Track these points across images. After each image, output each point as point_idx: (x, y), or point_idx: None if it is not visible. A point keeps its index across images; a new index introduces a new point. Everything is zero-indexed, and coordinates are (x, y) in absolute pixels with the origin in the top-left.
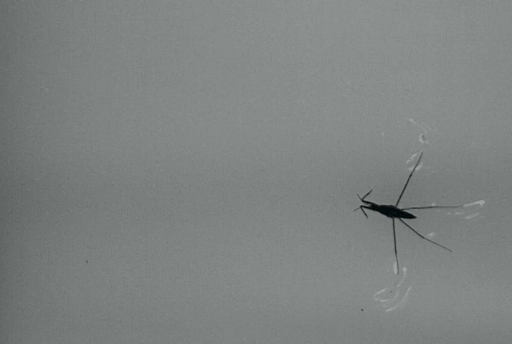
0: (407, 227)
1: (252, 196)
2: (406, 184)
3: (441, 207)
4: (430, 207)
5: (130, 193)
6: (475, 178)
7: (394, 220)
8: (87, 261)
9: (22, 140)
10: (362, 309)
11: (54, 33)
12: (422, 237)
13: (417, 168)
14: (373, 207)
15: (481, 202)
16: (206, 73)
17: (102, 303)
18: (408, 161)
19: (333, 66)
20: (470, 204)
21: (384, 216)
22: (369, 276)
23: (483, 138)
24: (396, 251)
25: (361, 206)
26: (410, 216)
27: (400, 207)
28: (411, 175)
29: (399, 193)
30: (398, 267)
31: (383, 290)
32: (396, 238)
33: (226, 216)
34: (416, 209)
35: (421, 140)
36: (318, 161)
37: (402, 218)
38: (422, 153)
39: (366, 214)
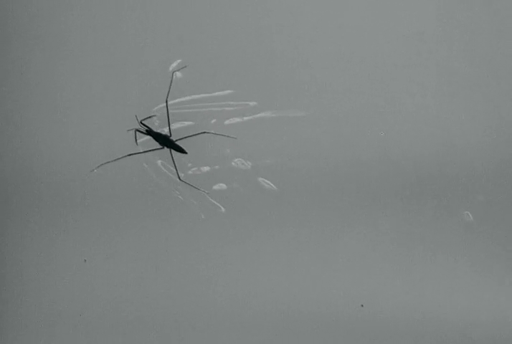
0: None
1: (253, 195)
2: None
3: (210, 133)
4: (203, 133)
5: (128, 194)
6: None
7: (171, 150)
8: (85, 260)
9: (22, 140)
10: (362, 305)
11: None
12: (180, 179)
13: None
14: (149, 132)
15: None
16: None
17: (100, 301)
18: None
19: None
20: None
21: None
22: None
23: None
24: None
25: (137, 130)
26: (181, 151)
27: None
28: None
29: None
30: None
31: None
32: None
33: (224, 215)
34: (186, 138)
35: (381, 134)
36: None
37: (173, 152)
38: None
39: (136, 139)
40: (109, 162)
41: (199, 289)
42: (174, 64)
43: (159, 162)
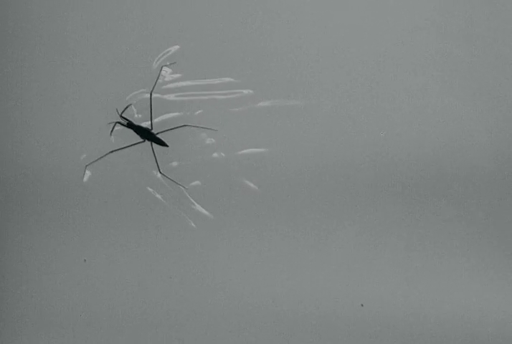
0: (154, 157)
1: (255, 195)
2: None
3: (193, 126)
4: (183, 125)
5: (127, 194)
6: None
7: (152, 143)
8: (85, 260)
9: (23, 140)
10: (362, 305)
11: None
12: (160, 172)
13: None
14: (130, 125)
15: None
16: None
17: (100, 300)
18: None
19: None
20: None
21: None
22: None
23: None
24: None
25: (117, 122)
26: (163, 144)
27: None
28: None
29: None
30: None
31: None
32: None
33: (224, 214)
34: (168, 131)
35: (381, 134)
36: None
37: (154, 145)
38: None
39: (112, 131)
40: (93, 162)
41: (199, 289)
42: (172, 50)
43: (156, 173)
